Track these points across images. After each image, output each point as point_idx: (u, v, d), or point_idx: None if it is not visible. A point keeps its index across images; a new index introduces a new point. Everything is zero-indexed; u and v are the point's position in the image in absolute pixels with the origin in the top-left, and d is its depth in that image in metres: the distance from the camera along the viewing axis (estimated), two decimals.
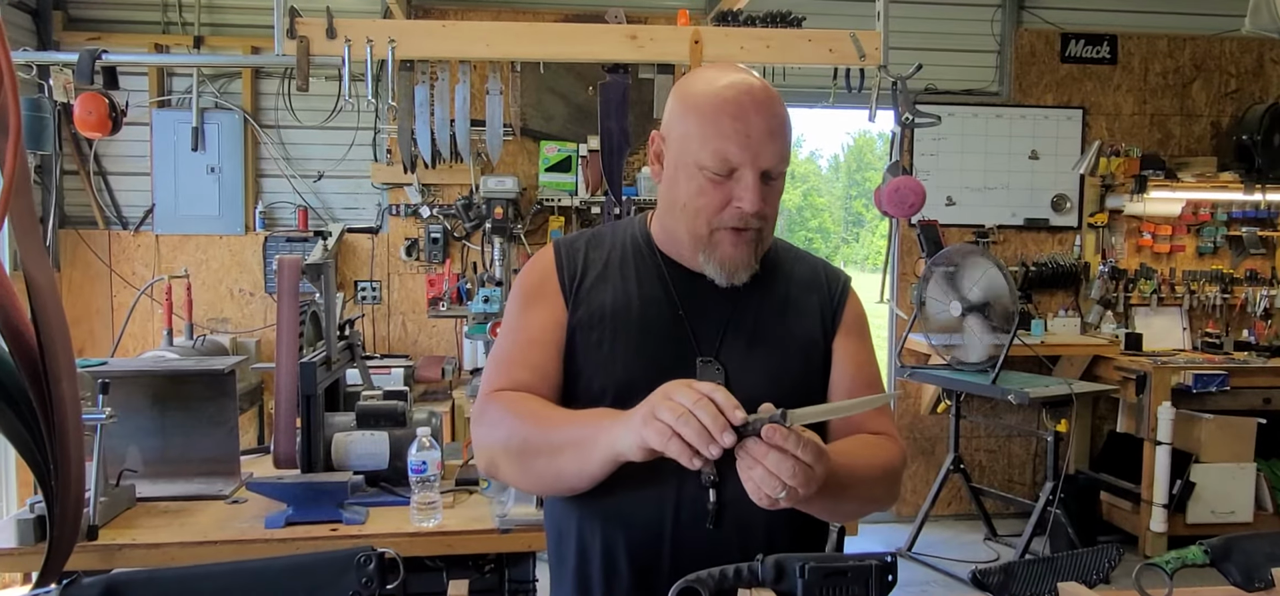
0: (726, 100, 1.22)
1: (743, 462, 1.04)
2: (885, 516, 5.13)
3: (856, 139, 29.70)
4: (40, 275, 1.01)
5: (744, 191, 1.22)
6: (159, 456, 2.29)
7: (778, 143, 1.24)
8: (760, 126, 1.22)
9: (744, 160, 1.21)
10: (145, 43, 4.48)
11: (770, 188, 1.26)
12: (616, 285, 1.32)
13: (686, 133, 1.26)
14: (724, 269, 1.27)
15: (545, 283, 1.34)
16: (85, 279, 4.57)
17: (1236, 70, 5.27)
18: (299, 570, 0.93)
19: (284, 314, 2.26)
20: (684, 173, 1.26)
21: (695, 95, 1.27)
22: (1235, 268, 5.31)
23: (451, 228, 4.65)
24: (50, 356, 1.01)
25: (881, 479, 1.27)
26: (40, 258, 1.03)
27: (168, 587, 0.90)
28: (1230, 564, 1.12)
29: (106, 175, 4.59)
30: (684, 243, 1.31)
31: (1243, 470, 4.54)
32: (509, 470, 1.26)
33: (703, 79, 1.29)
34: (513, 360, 1.30)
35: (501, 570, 2.18)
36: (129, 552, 1.95)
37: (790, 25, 3.01)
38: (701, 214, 1.25)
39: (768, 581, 1.02)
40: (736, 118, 1.21)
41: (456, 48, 2.98)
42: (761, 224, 1.26)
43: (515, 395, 1.25)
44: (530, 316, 1.33)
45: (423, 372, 4.24)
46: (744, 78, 1.26)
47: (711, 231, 1.26)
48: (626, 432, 1.07)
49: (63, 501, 1.05)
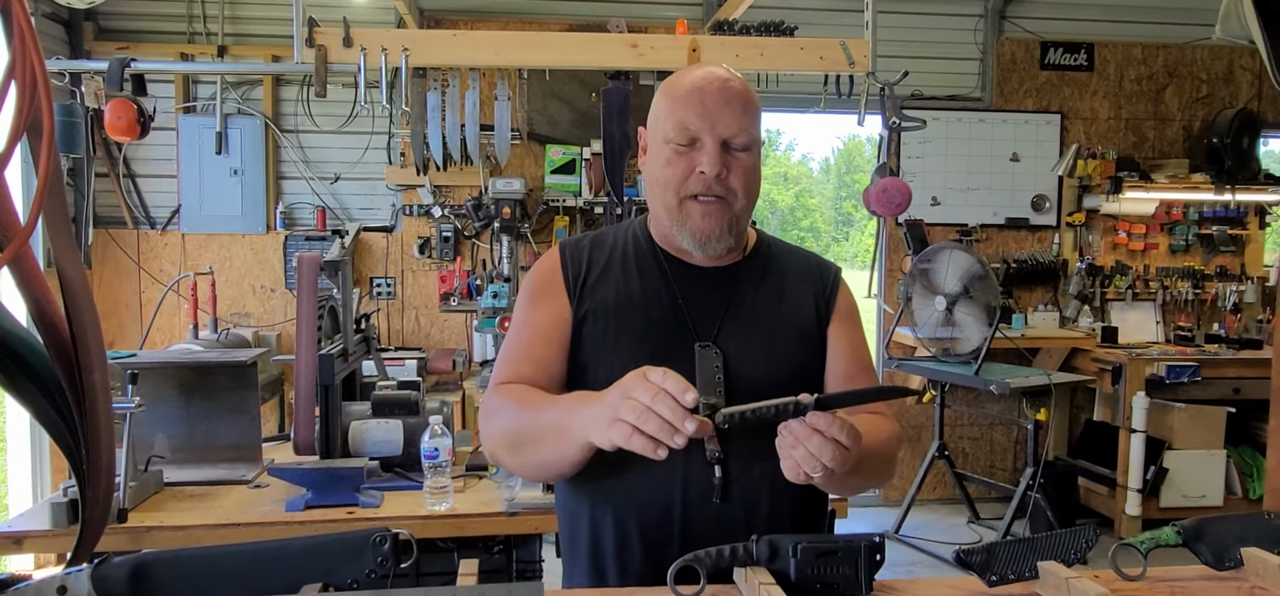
0: (692, 83, 1.28)
1: (784, 441, 1.05)
2: (874, 500, 5.13)
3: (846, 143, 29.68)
4: (72, 271, 1.01)
5: (704, 157, 1.25)
6: (185, 443, 2.29)
7: (735, 113, 1.26)
8: (716, 98, 1.25)
9: (702, 128, 1.25)
10: (172, 52, 4.47)
11: (735, 160, 1.27)
12: (619, 280, 1.33)
13: (657, 115, 1.31)
14: (696, 238, 1.28)
15: (551, 281, 1.35)
16: (115, 276, 4.57)
17: (1207, 76, 5.26)
18: (317, 550, 0.93)
19: (303, 308, 2.26)
20: (655, 150, 1.31)
21: (668, 85, 1.32)
22: (1206, 264, 5.30)
23: (462, 227, 4.64)
24: (82, 348, 1.01)
25: (887, 456, 1.30)
26: (72, 254, 1.02)
27: (192, 567, 0.90)
28: (1202, 544, 1.11)
29: (135, 178, 4.59)
30: (663, 220, 1.33)
31: (1213, 457, 4.54)
32: (506, 458, 1.27)
33: (678, 74, 1.33)
34: (517, 355, 1.31)
35: (510, 551, 2.18)
36: (157, 534, 1.96)
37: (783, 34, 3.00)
38: (670, 184, 1.28)
39: (762, 560, 1.02)
40: (694, 91, 1.26)
41: (466, 56, 2.97)
42: (726, 193, 1.27)
43: (515, 386, 1.26)
44: (536, 313, 1.33)
45: (435, 364, 4.24)
46: (712, 69, 1.30)
47: (681, 201, 1.28)
48: (595, 426, 1.05)
49: (94, 485, 1.05)
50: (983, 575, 1.05)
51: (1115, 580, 1.06)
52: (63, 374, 1.00)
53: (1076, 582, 0.98)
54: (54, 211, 1.00)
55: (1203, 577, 1.11)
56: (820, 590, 1.00)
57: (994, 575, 1.05)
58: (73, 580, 0.89)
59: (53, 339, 1.00)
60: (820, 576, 1.01)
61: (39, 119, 0.92)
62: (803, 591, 1.00)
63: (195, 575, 0.90)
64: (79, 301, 1.00)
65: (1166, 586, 1.08)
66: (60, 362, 1.00)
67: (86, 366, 1.00)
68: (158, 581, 0.90)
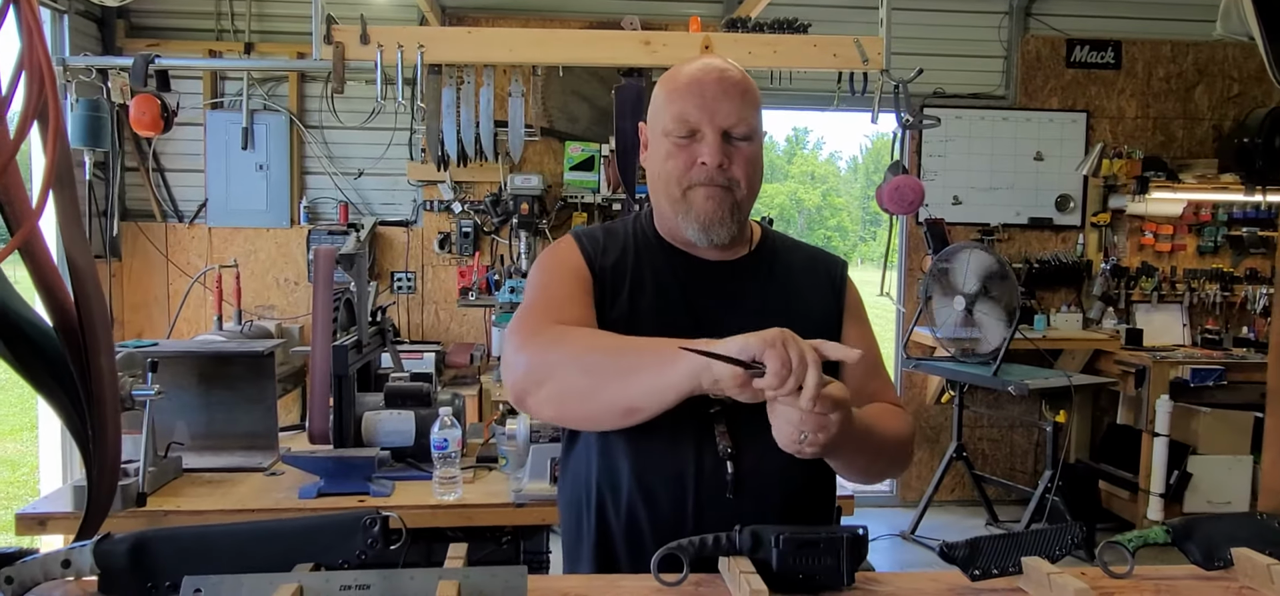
0: (689, 75, 1.27)
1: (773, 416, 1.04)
2: (891, 500, 5.11)
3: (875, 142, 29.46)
4: (81, 258, 1.05)
5: (705, 148, 1.25)
6: (204, 431, 2.34)
7: (734, 104, 1.25)
8: (715, 89, 1.25)
9: (702, 119, 1.25)
10: (200, 49, 4.56)
11: (737, 149, 1.27)
12: (629, 272, 1.33)
13: (656, 108, 1.31)
14: (700, 224, 1.28)
15: (572, 257, 1.33)
16: (144, 268, 4.67)
17: (1239, 75, 5.16)
18: (310, 531, 0.96)
19: (319, 300, 2.30)
20: (655, 143, 1.31)
21: (666, 79, 1.32)
22: (1235, 266, 5.21)
23: (481, 222, 4.69)
24: (90, 332, 1.04)
25: (897, 443, 1.29)
26: (82, 243, 1.06)
27: (189, 543, 0.94)
28: (1192, 543, 1.11)
29: (164, 172, 4.68)
30: (666, 213, 1.32)
31: (1239, 462, 4.47)
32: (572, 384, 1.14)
33: (676, 67, 1.33)
34: (554, 308, 1.24)
35: (517, 542, 2.22)
36: (174, 518, 2.00)
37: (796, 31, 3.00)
38: (672, 177, 1.28)
39: (744, 550, 1.03)
40: (693, 83, 1.26)
41: (481, 52, 3.01)
42: (729, 183, 1.27)
43: (573, 327, 1.20)
44: (562, 283, 1.29)
45: (453, 358, 4.29)
46: (709, 60, 1.30)
47: (684, 191, 1.28)
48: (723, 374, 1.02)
49: (100, 465, 1.09)
50: (966, 569, 1.06)
51: (1102, 578, 1.06)
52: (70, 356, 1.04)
53: (1058, 578, 0.99)
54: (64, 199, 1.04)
55: (1191, 577, 1.10)
56: (802, 580, 1.02)
57: (977, 569, 1.05)
58: (77, 555, 0.93)
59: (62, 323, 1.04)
60: (802, 566, 1.02)
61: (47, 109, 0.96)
62: (785, 581, 1.01)
63: (192, 551, 0.94)
64: (87, 287, 1.04)
65: (1153, 585, 1.08)
66: (69, 346, 1.04)
67: (93, 350, 1.04)
68: (156, 556, 0.93)
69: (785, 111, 5.42)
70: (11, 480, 6.13)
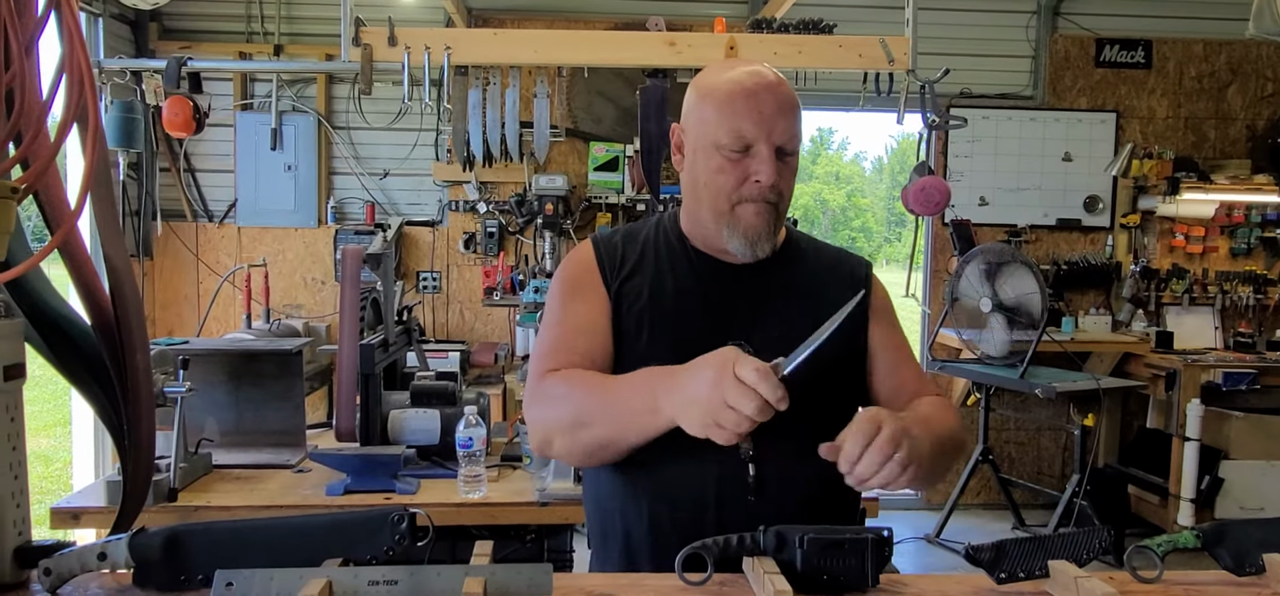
0: (740, 84, 1.25)
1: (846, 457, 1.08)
2: (915, 503, 5.07)
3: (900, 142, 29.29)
4: (118, 257, 1.07)
5: (760, 165, 1.24)
6: (233, 428, 2.38)
7: (788, 120, 1.25)
8: (772, 105, 1.24)
9: (758, 136, 1.24)
10: (231, 51, 4.63)
11: (785, 164, 1.27)
12: (651, 277, 1.33)
13: (703, 118, 1.28)
14: (747, 239, 1.27)
15: (588, 274, 1.34)
16: (175, 267, 4.75)
17: (1274, 75, 5.07)
18: (338, 526, 0.98)
19: (346, 299, 2.33)
20: (703, 155, 1.28)
21: (711, 85, 1.29)
22: (1269, 269, 5.11)
23: (506, 223, 4.72)
24: (126, 330, 1.07)
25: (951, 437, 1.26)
26: (118, 242, 1.09)
27: (222, 537, 0.95)
28: (1222, 549, 1.09)
29: (195, 172, 4.76)
30: (707, 223, 1.31)
31: (1273, 468, 4.38)
32: (561, 442, 1.23)
33: (716, 71, 1.31)
34: (562, 347, 1.28)
35: (541, 540, 2.23)
36: (204, 513, 2.03)
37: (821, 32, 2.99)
38: (722, 191, 1.27)
39: (769, 550, 1.03)
40: (750, 98, 1.24)
41: (506, 53, 3.03)
42: (778, 199, 1.27)
43: (572, 371, 1.23)
44: (575, 307, 1.32)
45: (477, 357, 4.32)
46: (754, 67, 1.28)
47: (732, 206, 1.27)
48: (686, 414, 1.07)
49: (136, 460, 1.11)
50: (992, 572, 1.05)
51: (1130, 582, 1.05)
52: (107, 354, 1.06)
53: (1086, 583, 0.98)
54: (101, 200, 1.06)
55: (1222, 583, 1.08)
56: (826, 582, 1.01)
57: (1003, 572, 1.04)
58: (112, 548, 0.95)
59: (99, 321, 1.06)
60: (827, 567, 1.02)
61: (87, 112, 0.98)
62: (809, 582, 1.01)
63: (225, 545, 0.96)
64: (123, 286, 1.06)
65: (1183, 590, 1.06)
66: (105, 344, 1.07)
67: (129, 347, 1.06)
68: (190, 550, 0.95)
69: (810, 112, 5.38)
70: (45, 474, 6.25)
